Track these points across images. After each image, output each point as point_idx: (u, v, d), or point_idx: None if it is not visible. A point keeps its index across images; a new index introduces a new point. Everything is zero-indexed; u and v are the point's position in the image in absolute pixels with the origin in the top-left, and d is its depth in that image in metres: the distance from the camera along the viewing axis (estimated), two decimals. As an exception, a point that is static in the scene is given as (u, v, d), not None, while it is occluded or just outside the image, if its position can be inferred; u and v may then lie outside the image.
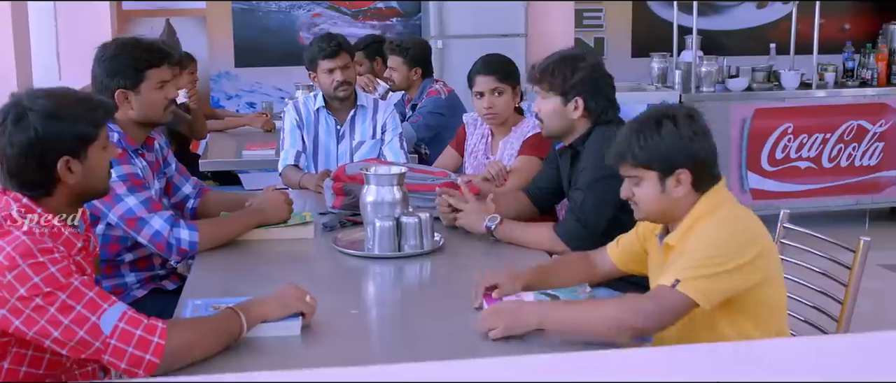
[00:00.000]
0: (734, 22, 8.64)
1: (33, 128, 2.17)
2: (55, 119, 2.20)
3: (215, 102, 7.86)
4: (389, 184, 3.10)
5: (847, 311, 2.66)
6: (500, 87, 3.83)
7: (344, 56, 4.14)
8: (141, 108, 3.05)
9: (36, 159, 2.19)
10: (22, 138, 2.17)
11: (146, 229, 2.97)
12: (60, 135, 2.20)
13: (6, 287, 2.06)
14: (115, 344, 2.07)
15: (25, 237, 2.10)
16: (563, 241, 3.09)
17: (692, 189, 2.41)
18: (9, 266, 2.06)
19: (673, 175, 2.39)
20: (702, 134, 2.40)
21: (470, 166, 4.04)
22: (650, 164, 2.42)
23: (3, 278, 2.06)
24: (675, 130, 2.38)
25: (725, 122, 6.46)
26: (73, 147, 2.23)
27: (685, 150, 2.38)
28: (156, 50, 3.09)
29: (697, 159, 2.39)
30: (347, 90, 4.16)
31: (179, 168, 3.42)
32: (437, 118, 5.01)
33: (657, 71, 6.99)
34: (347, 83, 4.15)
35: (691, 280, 2.25)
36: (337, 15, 8.13)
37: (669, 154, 2.39)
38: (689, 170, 2.39)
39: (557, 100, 3.18)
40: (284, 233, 3.22)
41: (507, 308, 2.37)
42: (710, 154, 2.42)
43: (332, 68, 4.12)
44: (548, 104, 3.21)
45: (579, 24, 8.26)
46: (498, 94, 3.84)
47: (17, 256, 2.07)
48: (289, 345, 2.28)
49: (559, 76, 3.17)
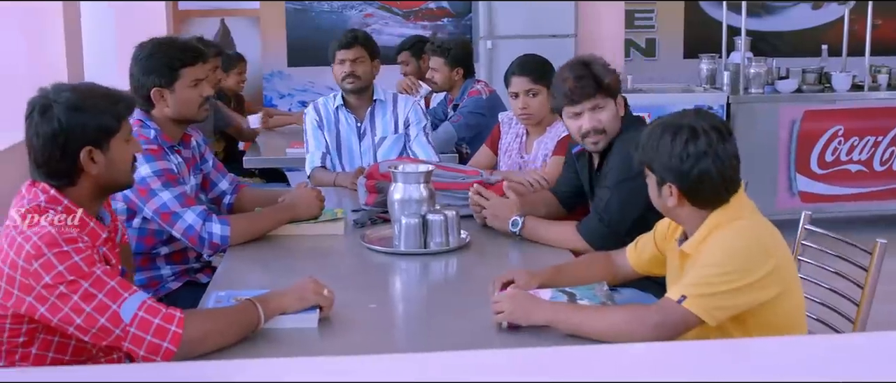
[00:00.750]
0: (788, 23, 8.54)
1: (57, 119, 2.26)
2: (78, 110, 2.29)
3: (268, 101, 8.00)
4: (416, 182, 3.16)
5: (863, 314, 2.64)
6: (534, 88, 3.86)
7: (358, 49, 4.20)
8: (176, 106, 3.14)
9: (60, 149, 2.28)
10: (46, 129, 2.27)
11: (180, 223, 3.06)
12: (83, 126, 2.29)
13: (32, 275, 2.15)
14: (135, 331, 2.15)
15: (51, 227, 2.19)
16: (586, 240, 3.11)
17: (690, 204, 2.41)
18: (35, 254, 2.15)
19: (665, 185, 2.41)
20: (700, 156, 2.33)
21: (504, 165, 4.08)
22: (650, 168, 2.45)
23: (30, 266, 2.15)
24: (668, 146, 2.36)
25: (774, 124, 6.42)
26: (95, 137, 2.31)
27: (672, 168, 2.36)
28: (190, 49, 3.18)
29: (686, 179, 2.35)
30: (354, 83, 4.19)
31: (216, 164, 3.51)
32: (478, 118, 5.05)
33: (706, 72, 6.96)
34: (355, 76, 4.19)
35: (697, 297, 2.25)
36: (389, 15, 8.21)
37: (661, 165, 2.39)
38: (676, 187, 2.39)
39: (612, 102, 3.17)
40: (315, 229, 3.29)
41: (521, 298, 2.40)
42: (706, 176, 2.34)
43: (343, 59, 4.18)
44: (609, 111, 3.16)
45: (630, 25, 8.24)
46: (532, 95, 3.87)
47: (43, 245, 2.16)
48: (305, 337, 2.34)
49: (607, 78, 3.16)
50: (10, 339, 2.24)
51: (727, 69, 6.65)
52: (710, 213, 2.40)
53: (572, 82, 3.13)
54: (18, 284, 2.16)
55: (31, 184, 2.32)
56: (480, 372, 1.67)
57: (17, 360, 2.27)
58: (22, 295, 2.16)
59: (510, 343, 2.31)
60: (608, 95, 3.15)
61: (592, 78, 3.13)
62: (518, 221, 3.18)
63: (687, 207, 2.41)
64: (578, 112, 3.14)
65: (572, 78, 3.14)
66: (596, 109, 3.14)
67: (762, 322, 2.34)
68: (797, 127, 6.44)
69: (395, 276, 3.03)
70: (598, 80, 3.13)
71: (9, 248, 2.19)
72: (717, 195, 2.38)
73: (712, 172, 2.34)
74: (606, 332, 2.28)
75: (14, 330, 2.23)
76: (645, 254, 2.73)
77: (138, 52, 3.14)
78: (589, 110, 3.13)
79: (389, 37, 8.00)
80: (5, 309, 2.20)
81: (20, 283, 2.16)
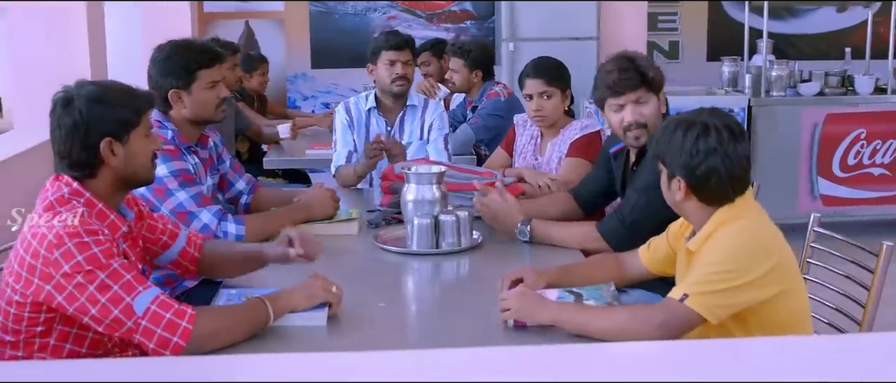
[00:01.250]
0: (812, 26, 8.50)
1: (78, 111, 2.35)
2: (99, 103, 2.37)
3: (291, 103, 8.06)
4: (429, 183, 3.19)
5: (869, 316, 2.65)
6: (548, 91, 3.89)
7: (407, 52, 4.20)
8: (193, 107, 3.20)
9: (80, 140, 2.35)
10: (68, 120, 2.35)
11: (195, 222, 3.11)
12: (103, 118, 2.36)
13: (53, 264, 2.22)
14: (146, 324, 2.21)
15: (74, 218, 2.27)
16: (604, 239, 3.13)
17: (696, 200, 2.44)
18: (57, 244, 2.22)
19: (674, 179, 2.44)
20: (709, 152, 2.37)
21: (518, 167, 4.10)
22: (661, 162, 2.49)
23: (51, 255, 2.22)
24: (680, 141, 2.40)
25: (796, 127, 6.40)
26: (114, 129, 2.38)
27: (681, 163, 2.40)
28: (207, 51, 3.24)
29: (694, 175, 2.39)
30: (404, 86, 4.21)
31: (234, 165, 3.57)
32: (496, 120, 5.08)
33: (728, 74, 6.95)
34: (405, 78, 4.20)
35: (699, 295, 2.29)
36: (412, 17, 8.25)
37: (671, 159, 2.43)
38: (684, 181, 2.42)
39: (654, 97, 3.16)
40: (329, 229, 3.34)
41: (528, 297, 2.44)
42: (714, 173, 2.38)
43: (393, 60, 4.16)
44: (652, 106, 3.15)
45: (653, 27, 8.23)
46: (546, 97, 3.89)
47: (64, 235, 2.23)
48: (314, 334, 2.39)
49: (650, 72, 3.15)
50: (28, 328, 2.30)
51: (749, 72, 6.64)
52: (716, 211, 2.43)
53: (617, 74, 3.12)
54: (39, 273, 2.23)
55: (55, 177, 2.40)
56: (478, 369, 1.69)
57: (36, 350, 2.33)
58: (41, 284, 2.23)
59: (515, 341, 2.34)
60: (651, 90, 3.14)
61: (637, 71, 3.12)
62: (525, 231, 3.20)
63: (693, 202, 2.45)
64: (622, 104, 3.13)
65: (617, 70, 3.13)
66: (639, 102, 3.12)
67: (764, 321, 2.37)
68: (819, 130, 6.42)
69: (407, 276, 3.07)
70: (643, 74, 3.12)
71: (32, 238, 2.26)
72: (723, 193, 2.42)
73: (720, 170, 2.38)
74: (611, 332, 2.31)
75: (32, 319, 2.29)
76: (658, 253, 2.76)
77: (156, 54, 3.21)
78: (632, 103, 3.12)
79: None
80: (25, 298, 2.27)
81: (40, 272, 2.23)
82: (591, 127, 3.93)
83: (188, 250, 2.75)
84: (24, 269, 2.25)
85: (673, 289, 2.37)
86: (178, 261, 2.75)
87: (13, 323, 2.30)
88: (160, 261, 2.75)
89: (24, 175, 3.99)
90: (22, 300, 2.27)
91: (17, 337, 2.31)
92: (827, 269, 3.01)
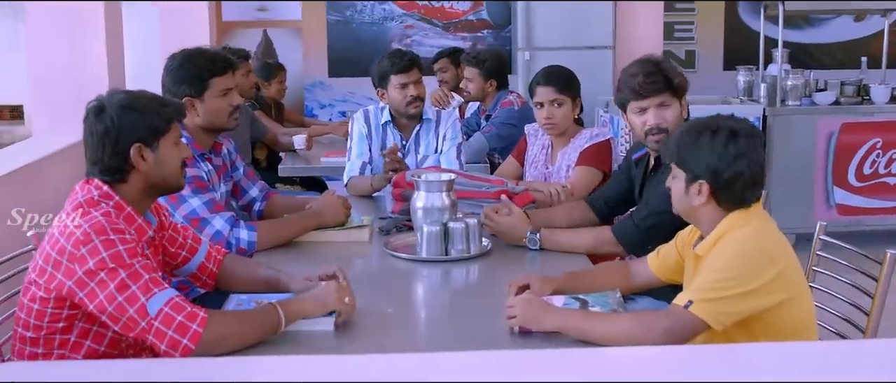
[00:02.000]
0: (829, 35, 8.50)
1: (110, 117, 2.43)
2: (129, 110, 2.45)
3: (309, 111, 8.12)
4: (439, 191, 3.22)
5: (873, 324, 2.66)
6: (559, 99, 3.91)
7: (416, 72, 4.19)
8: (206, 115, 3.25)
9: (112, 145, 2.43)
10: (100, 127, 2.44)
11: (208, 229, 3.15)
12: (133, 124, 2.45)
13: (78, 259, 2.28)
14: (158, 326, 2.26)
15: (102, 217, 2.34)
16: (618, 241, 3.15)
17: (715, 203, 2.47)
18: (83, 240, 2.29)
19: (696, 183, 2.46)
20: (737, 157, 2.41)
21: (529, 176, 4.13)
22: (681, 165, 2.50)
23: (77, 251, 2.28)
24: (710, 143, 2.43)
25: (811, 136, 6.39)
26: (144, 135, 2.46)
27: (710, 165, 2.43)
28: (219, 59, 3.30)
29: (720, 178, 2.42)
30: (419, 106, 4.21)
31: (247, 172, 3.61)
32: (510, 128, 5.11)
33: (743, 84, 6.95)
34: (420, 99, 4.20)
35: (703, 302, 2.31)
36: (429, 27, 8.30)
37: (696, 162, 2.46)
38: (708, 184, 2.45)
39: (678, 102, 3.17)
40: (340, 236, 3.38)
41: (534, 303, 2.47)
42: (739, 177, 2.42)
43: (405, 83, 4.16)
44: (674, 110, 3.16)
45: (669, 36, 8.25)
46: (557, 105, 3.92)
47: (91, 232, 2.30)
48: (320, 339, 2.42)
49: (676, 78, 3.15)
50: (50, 324, 2.37)
51: (764, 81, 6.64)
52: (727, 216, 2.45)
53: (642, 77, 3.14)
54: (64, 268, 2.29)
55: (86, 181, 2.47)
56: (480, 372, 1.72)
57: (56, 347, 2.39)
58: (65, 279, 2.29)
59: (520, 347, 2.36)
60: (675, 95, 3.16)
61: (662, 75, 3.15)
62: (535, 240, 3.23)
63: (710, 206, 2.47)
64: (645, 107, 3.15)
65: (642, 74, 3.15)
66: (662, 106, 3.15)
67: (769, 328, 2.38)
68: (835, 139, 6.41)
69: (416, 282, 3.10)
70: (668, 78, 3.15)
71: (60, 235, 2.33)
72: (743, 197, 2.45)
73: (745, 175, 2.42)
74: (615, 338, 2.33)
75: (55, 315, 2.36)
76: (668, 260, 2.77)
77: (169, 63, 3.27)
78: (655, 107, 3.14)
79: (429, 48, 8.08)
80: (49, 293, 2.33)
81: (65, 267, 2.29)
82: (601, 135, 3.96)
83: (207, 265, 2.80)
84: (50, 265, 2.32)
85: (678, 296, 2.39)
86: (197, 274, 2.81)
87: (35, 319, 2.37)
88: (178, 273, 2.80)
89: (44, 180, 4.05)
90: (46, 295, 2.34)
91: (39, 334, 2.38)
92: (833, 278, 3.01)
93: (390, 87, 4.19)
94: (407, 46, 8.05)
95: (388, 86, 4.19)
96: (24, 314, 2.40)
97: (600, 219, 3.53)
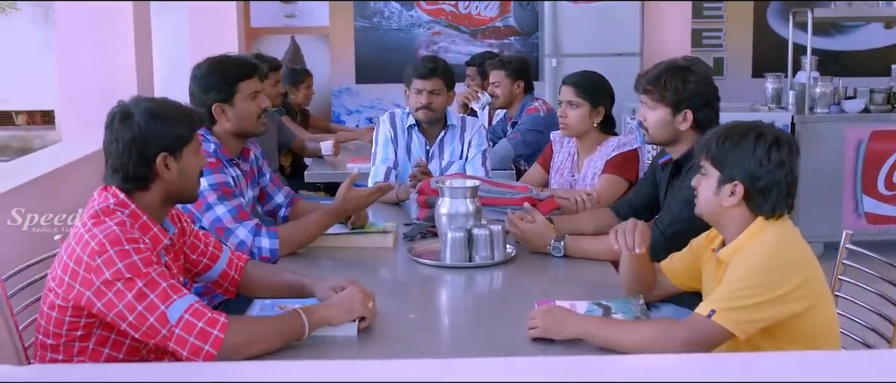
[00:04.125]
0: (858, 42, 8.43)
1: (137, 126, 2.43)
2: (157, 118, 2.45)
3: (336, 117, 8.16)
4: (463, 197, 3.23)
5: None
6: (575, 101, 3.92)
7: (436, 81, 4.17)
8: (236, 119, 3.27)
9: (138, 154, 2.43)
10: (127, 135, 2.43)
11: (232, 238, 3.17)
12: (161, 133, 2.45)
13: (94, 270, 2.29)
14: (179, 332, 2.27)
15: (117, 227, 2.34)
16: None
17: (746, 207, 2.45)
18: (98, 251, 2.29)
19: (730, 184, 2.45)
20: (778, 164, 2.41)
21: (555, 183, 4.12)
22: (716, 164, 2.49)
23: (93, 261, 2.29)
24: (751, 147, 2.42)
25: (840, 144, 6.35)
26: (170, 144, 2.47)
27: (749, 169, 2.42)
28: (245, 63, 3.33)
29: (758, 183, 2.42)
30: (428, 115, 4.19)
31: (273, 178, 3.63)
32: (536, 135, 5.11)
33: (771, 91, 6.91)
34: (430, 108, 4.18)
35: (726, 311, 2.30)
36: (456, 33, 8.31)
37: (734, 164, 2.44)
38: (744, 187, 2.44)
39: (667, 110, 3.24)
40: (364, 241, 3.38)
41: (555, 312, 2.47)
42: (776, 185, 2.42)
43: (420, 89, 4.18)
44: (655, 114, 3.26)
45: (698, 44, 8.22)
46: (573, 107, 3.92)
47: (106, 242, 2.30)
48: (344, 344, 2.43)
49: (671, 88, 3.22)
50: (68, 332, 2.38)
51: (793, 88, 6.60)
52: (753, 222, 2.44)
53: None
54: (81, 278, 2.30)
55: (103, 188, 2.47)
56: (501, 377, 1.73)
57: (75, 354, 2.41)
58: (82, 290, 2.30)
59: (540, 354, 2.36)
60: (657, 100, 3.23)
61: (648, 77, 3.28)
62: (559, 247, 3.23)
63: (739, 210, 2.46)
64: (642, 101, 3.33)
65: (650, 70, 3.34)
66: (643, 106, 3.30)
67: (793, 335, 2.37)
68: (864, 147, 6.36)
69: (440, 288, 3.10)
70: (653, 81, 3.25)
71: (75, 244, 2.34)
72: (775, 205, 2.44)
73: (782, 183, 2.42)
74: (637, 347, 2.32)
75: (73, 323, 2.37)
76: (681, 265, 2.77)
77: (196, 71, 3.29)
78: (642, 103, 3.33)
79: (457, 55, 8.10)
80: (67, 302, 2.34)
81: (82, 277, 2.30)
82: (628, 144, 3.94)
83: (229, 272, 2.81)
84: (67, 274, 2.33)
85: (700, 305, 2.38)
86: (218, 281, 2.82)
87: (54, 326, 2.38)
88: (200, 279, 2.82)
89: (73, 184, 4.09)
90: (64, 304, 2.35)
91: (58, 341, 2.39)
92: (860, 287, 2.99)
93: (411, 88, 4.24)
94: (434, 53, 8.08)
95: (410, 87, 4.24)
96: (43, 321, 2.42)
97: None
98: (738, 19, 8.46)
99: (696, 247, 2.72)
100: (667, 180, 3.35)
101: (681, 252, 2.78)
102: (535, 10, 8.23)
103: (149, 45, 4.90)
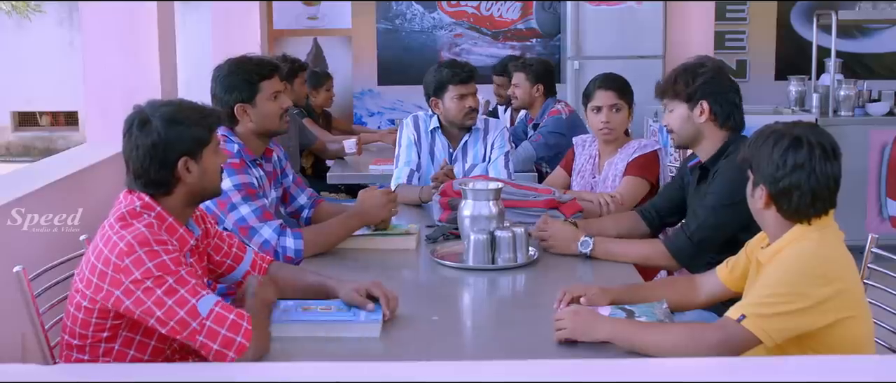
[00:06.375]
0: (882, 45, 8.37)
1: (157, 132, 2.43)
2: (175, 123, 2.45)
3: (358, 119, 8.18)
4: (486, 199, 3.23)
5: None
6: (618, 103, 3.92)
7: (473, 84, 4.21)
8: (259, 119, 3.29)
9: (159, 160, 2.44)
10: (146, 141, 2.43)
11: (256, 238, 3.18)
12: (180, 138, 2.45)
13: (123, 270, 2.30)
14: (210, 325, 2.28)
15: (145, 229, 2.36)
16: (673, 256, 3.15)
17: (775, 211, 2.44)
18: (127, 252, 2.31)
19: (759, 187, 2.45)
20: (799, 167, 2.36)
21: (576, 186, 4.12)
22: (750, 167, 2.48)
23: (122, 262, 2.31)
24: (770, 149, 2.39)
25: (864, 147, 6.32)
26: (190, 148, 2.47)
27: (767, 172, 2.40)
28: (266, 63, 3.35)
29: (777, 186, 2.39)
30: (475, 118, 4.24)
31: (296, 179, 3.64)
32: (558, 137, 5.11)
33: (795, 94, 6.88)
34: (476, 110, 4.23)
35: (756, 317, 2.27)
36: (478, 36, 8.32)
37: (758, 166, 2.44)
38: (766, 190, 2.43)
39: (683, 106, 3.26)
40: (387, 243, 3.39)
41: (584, 314, 2.46)
42: (797, 188, 2.37)
43: (464, 94, 4.16)
44: (675, 113, 3.29)
45: (721, 46, 8.18)
46: (616, 110, 3.92)
47: (135, 243, 2.32)
48: (367, 344, 2.44)
49: (682, 82, 3.25)
50: (94, 333, 2.40)
51: (816, 91, 6.57)
52: (793, 227, 2.42)
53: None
54: (109, 279, 2.32)
55: (129, 191, 2.49)
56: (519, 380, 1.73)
57: (100, 355, 2.43)
58: (111, 290, 2.32)
59: (564, 356, 2.35)
60: (672, 98, 3.28)
61: (664, 81, 3.34)
62: (588, 242, 3.22)
63: (771, 213, 2.44)
64: (664, 107, 3.36)
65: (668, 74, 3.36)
66: (666, 112, 3.32)
67: (823, 345, 2.33)
68: (888, 150, 6.32)
69: (462, 291, 3.10)
70: (667, 83, 3.29)
71: (104, 246, 2.35)
72: (802, 210, 2.40)
73: (803, 186, 2.36)
74: (666, 349, 2.31)
75: (99, 325, 2.39)
76: (736, 271, 2.73)
77: (217, 73, 3.31)
78: (667, 110, 3.34)
79: (478, 57, 8.11)
80: (94, 303, 2.36)
81: (111, 278, 2.32)
82: (650, 146, 3.93)
83: (252, 273, 2.81)
84: (95, 276, 2.34)
85: (732, 308, 2.35)
86: (242, 282, 2.82)
87: (80, 327, 2.40)
88: (224, 281, 2.83)
89: (96, 185, 4.12)
90: (90, 305, 2.36)
91: (84, 342, 2.41)
92: (886, 292, 2.97)
93: (447, 97, 4.19)
94: (455, 55, 8.09)
95: (445, 96, 4.19)
96: (69, 321, 2.44)
97: (651, 228, 3.52)
98: (762, 21, 8.42)
99: (749, 248, 2.69)
100: (694, 184, 3.34)
101: (736, 256, 2.75)
102: (557, 12, 8.22)
103: (173, 46, 4.92)
